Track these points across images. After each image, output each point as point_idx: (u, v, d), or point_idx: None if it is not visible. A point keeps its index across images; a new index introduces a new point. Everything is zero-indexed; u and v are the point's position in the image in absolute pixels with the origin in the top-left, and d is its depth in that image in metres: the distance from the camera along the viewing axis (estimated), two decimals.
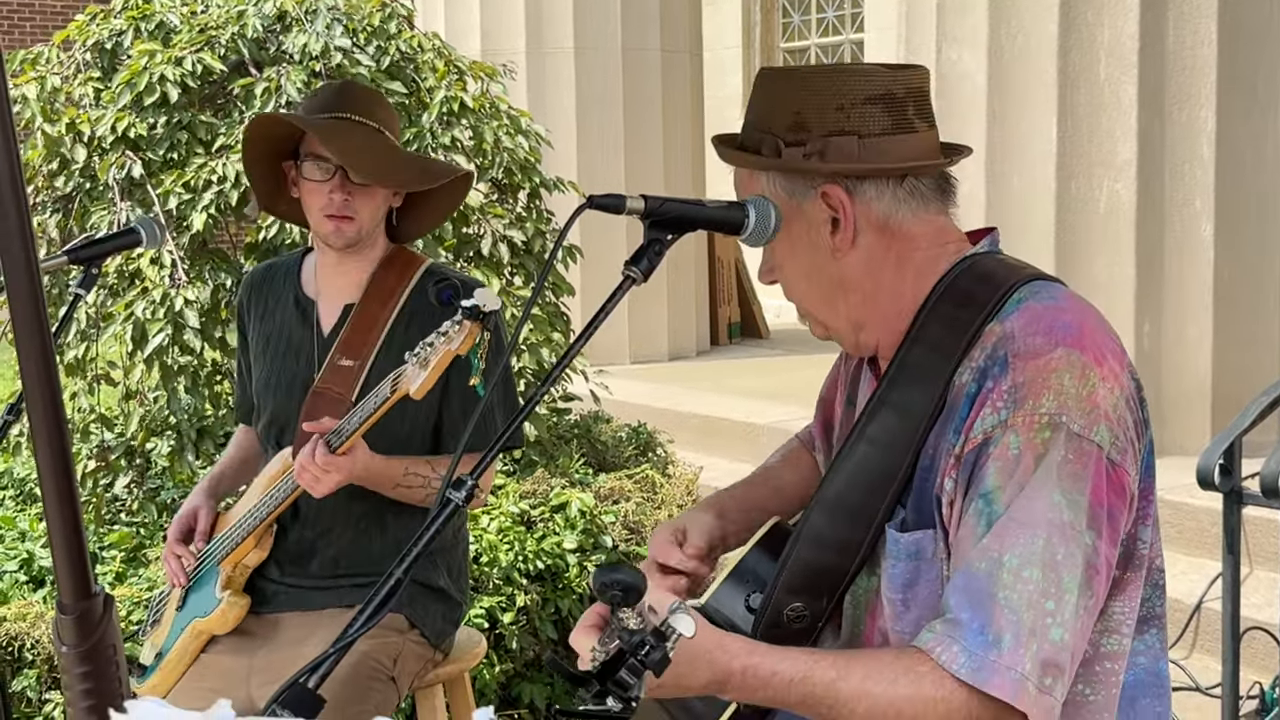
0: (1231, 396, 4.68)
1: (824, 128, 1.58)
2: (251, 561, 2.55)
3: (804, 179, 1.59)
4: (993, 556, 1.43)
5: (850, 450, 1.61)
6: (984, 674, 1.40)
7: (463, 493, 1.34)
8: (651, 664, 1.22)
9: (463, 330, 2.18)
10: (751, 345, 9.06)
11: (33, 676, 3.36)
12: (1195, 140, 4.97)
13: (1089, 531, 1.44)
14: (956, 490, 1.50)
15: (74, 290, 2.25)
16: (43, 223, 4.05)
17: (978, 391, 1.49)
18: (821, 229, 1.60)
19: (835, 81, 1.60)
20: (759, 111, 1.64)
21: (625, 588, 1.22)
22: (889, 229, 1.60)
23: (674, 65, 8.30)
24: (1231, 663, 3.16)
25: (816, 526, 1.62)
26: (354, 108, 2.52)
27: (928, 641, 1.44)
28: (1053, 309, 1.52)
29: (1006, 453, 1.45)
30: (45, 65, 4.20)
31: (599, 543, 3.92)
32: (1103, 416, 1.46)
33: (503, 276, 4.21)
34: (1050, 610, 1.41)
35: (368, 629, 1.29)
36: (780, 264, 1.66)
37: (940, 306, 1.58)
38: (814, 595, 1.61)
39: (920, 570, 1.54)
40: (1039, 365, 1.47)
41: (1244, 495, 3.09)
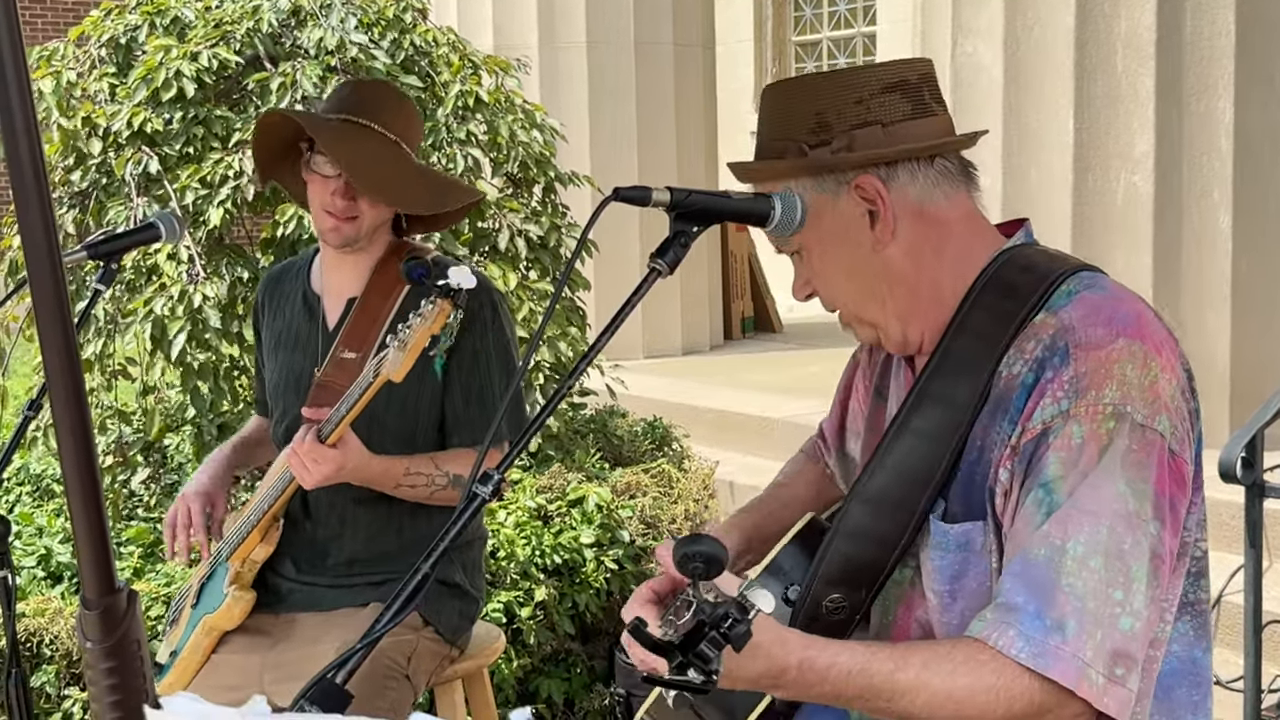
0: (1250, 388, 4.66)
1: (846, 122, 1.59)
2: (259, 556, 2.53)
3: (834, 175, 1.59)
4: (1055, 544, 1.42)
5: (892, 443, 1.60)
6: (1046, 659, 1.39)
7: (489, 487, 1.34)
8: (735, 637, 1.18)
9: (436, 309, 2.17)
10: (765, 339, 9.04)
11: (51, 672, 3.36)
12: (1213, 132, 4.94)
13: (1154, 521, 1.43)
14: (1013, 480, 1.49)
15: (93, 286, 2.24)
16: (60, 218, 4.05)
17: (1036, 382, 1.49)
18: (859, 224, 1.59)
19: (848, 78, 1.61)
20: (775, 123, 1.64)
21: (707, 559, 1.19)
22: (925, 214, 1.60)
23: (687, 59, 8.28)
24: (1253, 656, 3.14)
25: (855, 519, 1.61)
26: (373, 113, 2.48)
27: (982, 629, 1.43)
28: (1110, 300, 1.52)
29: (1069, 442, 1.44)
30: (60, 61, 4.20)
31: (616, 537, 3.92)
32: (1164, 406, 1.46)
33: (519, 271, 4.20)
34: (1119, 600, 1.40)
35: (396, 623, 1.28)
36: (818, 271, 1.65)
37: (984, 297, 1.58)
38: (853, 587, 1.61)
39: (969, 562, 1.53)
40: (1101, 356, 1.46)
41: (1266, 488, 3.07)
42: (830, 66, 12.43)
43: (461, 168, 4.10)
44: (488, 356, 2.51)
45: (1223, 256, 4.97)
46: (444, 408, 2.53)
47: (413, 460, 2.46)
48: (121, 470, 4.13)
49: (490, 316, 2.52)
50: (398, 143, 2.49)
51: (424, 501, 2.50)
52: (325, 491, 2.52)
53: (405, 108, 2.59)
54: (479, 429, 2.50)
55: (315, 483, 2.35)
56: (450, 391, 2.52)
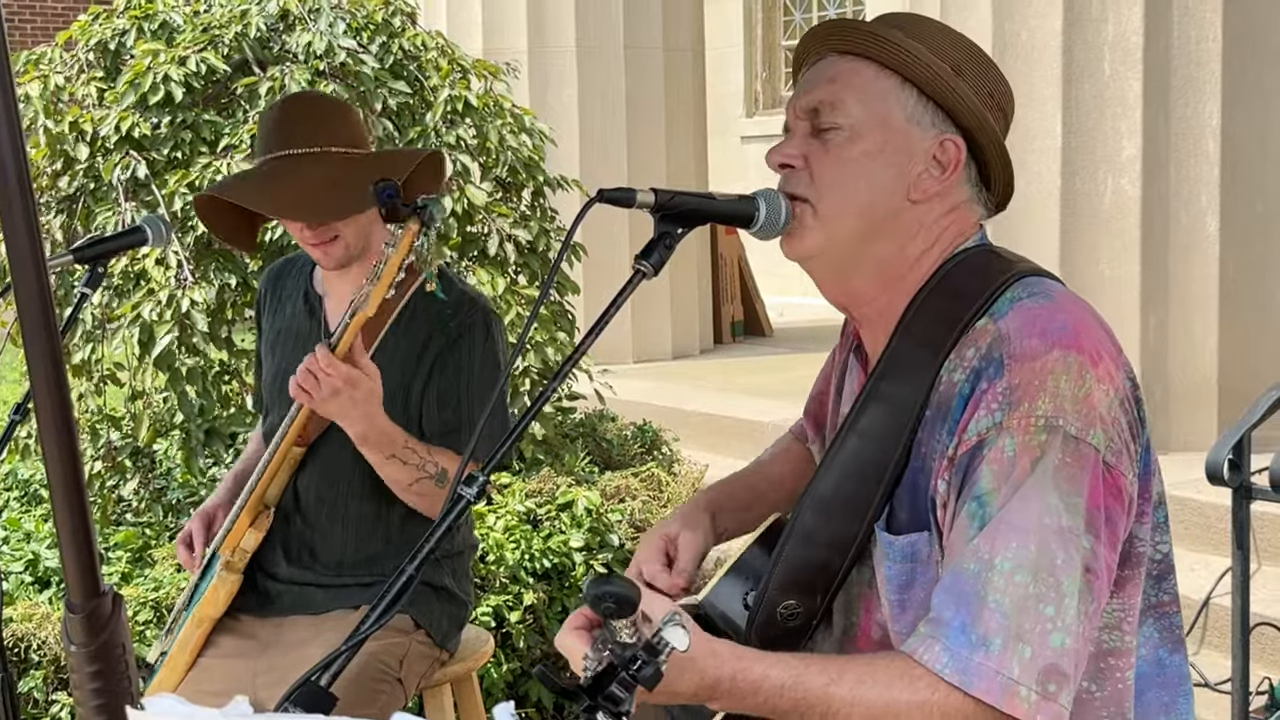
0: (1238, 391, 4.67)
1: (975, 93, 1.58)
2: (249, 545, 2.50)
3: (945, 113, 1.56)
4: (983, 558, 1.41)
5: (841, 444, 1.59)
6: (969, 675, 1.38)
7: (474, 489, 1.34)
8: (643, 679, 1.20)
9: (404, 232, 2.17)
10: (755, 343, 9.04)
11: (39, 677, 3.36)
12: (1200, 136, 4.95)
13: (1087, 535, 1.42)
14: (950, 492, 1.48)
15: (80, 290, 2.24)
16: (47, 223, 4.05)
17: (971, 393, 1.48)
18: (917, 163, 1.56)
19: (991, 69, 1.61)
20: (919, 34, 1.58)
21: (618, 600, 1.20)
22: (953, 210, 1.60)
23: (676, 63, 8.29)
24: (1241, 658, 3.14)
25: (807, 523, 1.59)
26: (294, 140, 2.44)
27: (913, 644, 1.43)
28: (1048, 309, 1.50)
29: (1002, 455, 1.43)
30: (48, 65, 4.20)
31: (605, 541, 3.92)
32: (1099, 419, 1.44)
33: (508, 276, 4.21)
34: (1050, 616, 1.39)
35: (380, 626, 1.28)
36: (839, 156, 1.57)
37: (931, 299, 1.57)
38: (807, 593, 1.59)
39: (916, 572, 1.52)
40: (1035, 367, 1.45)
41: (1253, 490, 3.08)
42: None
43: (450, 172, 4.10)
44: (470, 374, 2.50)
45: (1210, 260, 4.99)
46: (422, 406, 2.51)
47: (410, 439, 2.43)
48: (110, 475, 4.12)
49: (481, 336, 2.50)
50: (326, 150, 2.44)
51: (406, 488, 2.44)
52: (317, 484, 2.52)
53: (323, 110, 2.56)
54: (451, 437, 2.48)
55: (322, 398, 2.28)
56: (429, 392, 2.50)
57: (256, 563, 2.59)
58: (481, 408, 2.48)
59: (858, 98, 1.56)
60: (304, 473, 2.55)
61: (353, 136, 2.50)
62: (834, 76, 1.58)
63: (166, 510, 4.04)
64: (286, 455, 2.48)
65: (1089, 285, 4.97)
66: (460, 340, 2.49)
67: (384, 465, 2.42)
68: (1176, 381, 5.05)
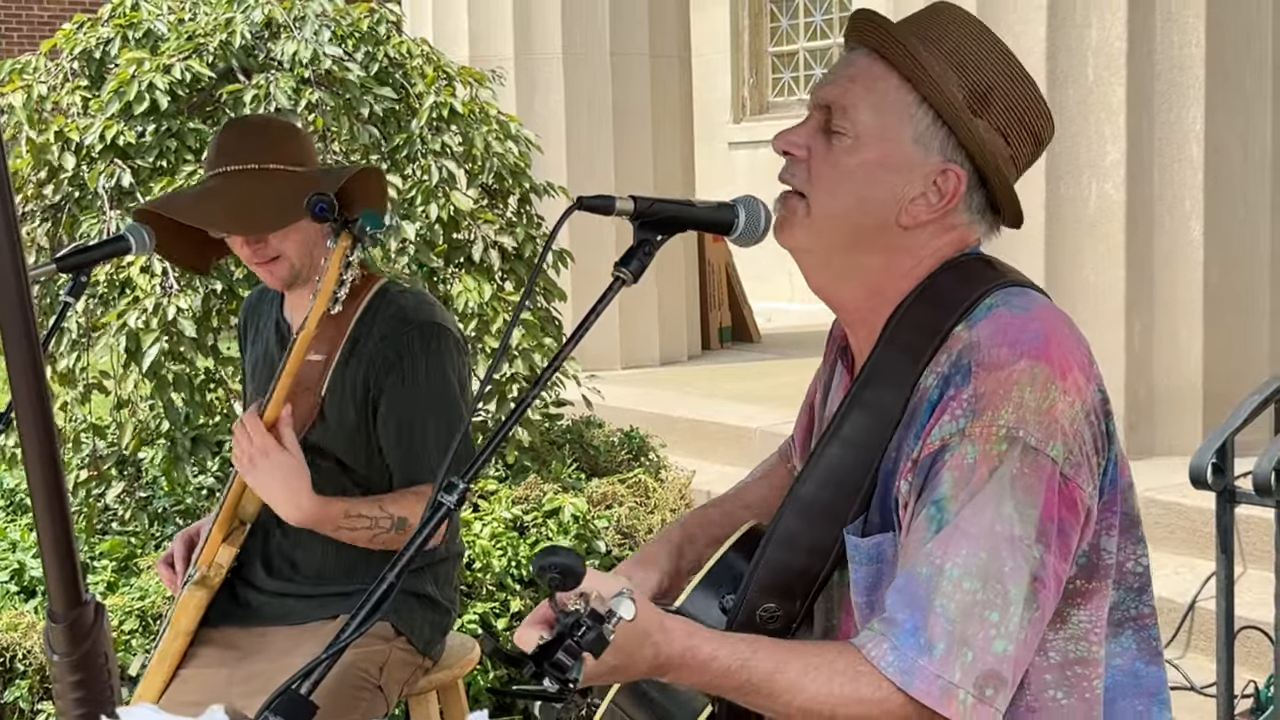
0: (1223, 396, 4.69)
1: (999, 121, 1.55)
2: (224, 559, 2.49)
3: (953, 140, 1.54)
4: (935, 563, 1.43)
5: (823, 450, 1.60)
6: (910, 676, 1.40)
7: (454, 496, 1.34)
8: (588, 645, 1.21)
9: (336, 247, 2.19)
10: (743, 349, 9.06)
11: (25, 687, 3.35)
12: (1184, 140, 4.98)
13: (1038, 545, 1.43)
14: (911, 493, 1.49)
15: (63, 298, 2.24)
16: (32, 232, 4.04)
17: (940, 398, 1.49)
18: (911, 184, 1.54)
19: (1029, 89, 1.57)
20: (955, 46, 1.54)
21: (563, 570, 1.22)
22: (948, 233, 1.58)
23: (663, 69, 8.30)
24: (1226, 662, 3.16)
25: (789, 527, 1.60)
26: (233, 157, 2.44)
27: (863, 640, 1.44)
28: (1021, 319, 1.50)
29: (963, 461, 1.44)
30: (32, 74, 4.19)
31: (592, 547, 3.92)
32: (1059, 431, 1.45)
33: (494, 282, 4.21)
34: (995, 622, 1.41)
35: (361, 634, 1.28)
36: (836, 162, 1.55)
37: (915, 307, 1.57)
38: (787, 596, 1.60)
39: (883, 573, 1.53)
40: (1001, 377, 1.46)
41: (1237, 494, 3.09)
42: (807, 78, 12.49)
43: (436, 179, 4.10)
44: (415, 393, 2.47)
45: (1195, 264, 5.01)
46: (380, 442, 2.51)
47: (353, 503, 2.43)
48: (96, 484, 4.11)
49: (420, 352, 2.47)
50: (263, 168, 2.43)
51: (366, 544, 2.45)
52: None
53: (265, 128, 2.55)
54: (411, 467, 2.47)
55: (256, 476, 2.33)
56: (384, 432, 2.49)
57: (238, 575, 2.59)
58: (437, 429, 2.46)
59: (872, 106, 1.54)
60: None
61: (294, 154, 2.48)
62: (855, 76, 1.56)
63: (152, 519, 4.03)
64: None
65: (1074, 290, 4.99)
66: (400, 363, 2.46)
67: (334, 534, 2.44)
68: (1161, 386, 5.07)
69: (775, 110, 12.73)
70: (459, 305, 4.05)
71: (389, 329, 2.46)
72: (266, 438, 2.33)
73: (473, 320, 4.05)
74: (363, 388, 2.49)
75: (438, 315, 2.56)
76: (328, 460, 2.50)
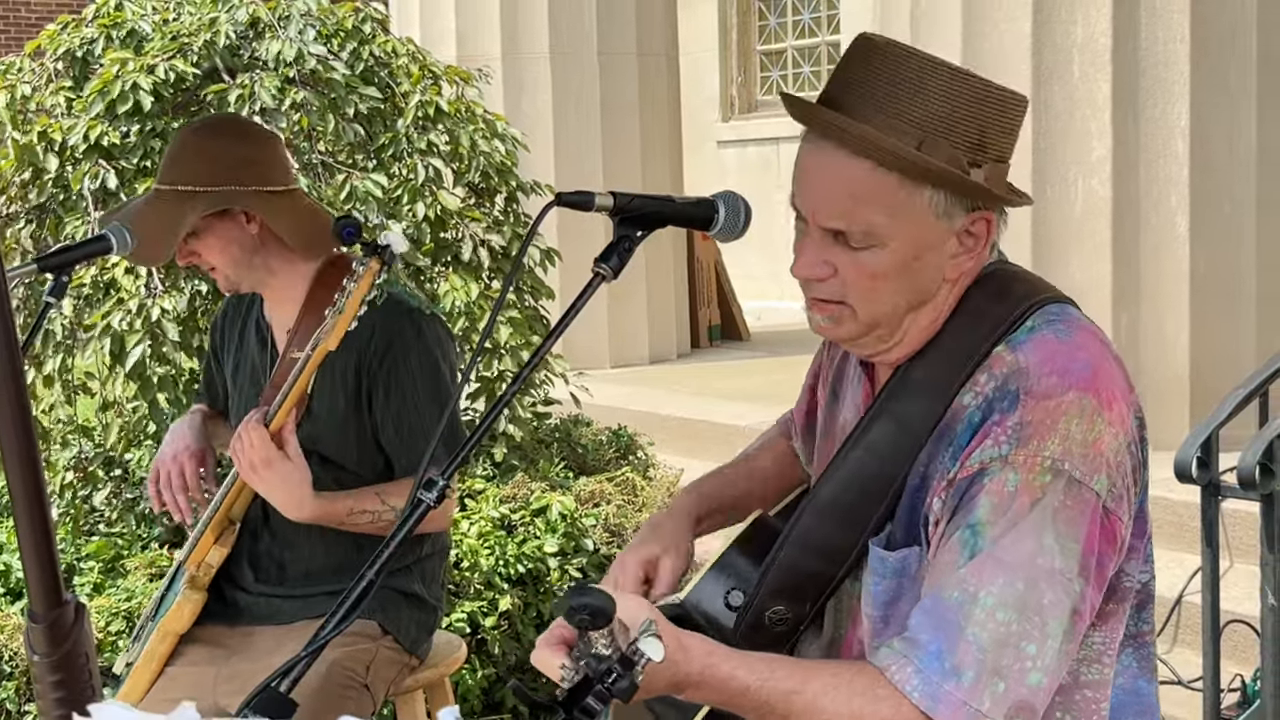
0: (1209, 390, 4.69)
1: (997, 151, 1.52)
2: (214, 560, 2.50)
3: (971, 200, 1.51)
4: (968, 590, 1.41)
5: (847, 455, 1.59)
6: (935, 701, 1.39)
7: (434, 493, 1.34)
8: (619, 692, 1.21)
9: (365, 269, 2.18)
10: (732, 347, 9.06)
11: (11, 688, 3.34)
12: (1169, 136, 4.98)
13: (1079, 579, 1.42)
14: (944, 511, 1.48)
15: (45, 298, 2.24)
16: (16, 233, 4.03)
17: (982, 421, 1.48)
18: (950, 247, 1.52)
19: (1008, 103, 1.52)
20: (931, 112, 1.47)
21: (594, 612, 1.21)
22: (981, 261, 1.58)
23: (650, 68, 8.30)
24: (1212, 656, 3.16)
25: (806, 530, 1.60)
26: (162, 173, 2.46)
27: (884, 659, 1.43)
28: (1069, 346, 1.50)
29: (1003, 489, 1.43)
30: (16, 75, 4.18)
31: (580, 546, 3.92)
32: (1104, 464, 1.45)
33: (482, 281, 4.20)
34: (1031, 654, 1.40)
35: (340, 631, 1.28)
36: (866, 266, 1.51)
37: (953, 322, 1.56)
38: (797, 600, 1.60)
39: (903, 588, 1.52)
40: (1049, 407, 1.45)
41: (1222, 488, 3.10)
42: (795, 76, 12.49)
43: (423, 178, 4.10)
44: (411, 383, 2.49)
45: (1180, 259, 5.02)
46: (379, 440, 2.53)
47: (356, 499, 2.46)
48: (82, 486, 4.10)
49: (412, 338, 2.49)
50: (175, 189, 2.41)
51: (370, 533, 2.49)
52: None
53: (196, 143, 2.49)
54: (413, 458, 2.48)
55: (258, 473, 2.34)
56: (381, 423, 2.51)
57: (225, 575, 2.59)
58: (433, 418, 2.48)
59: (884, 210, 1.48)
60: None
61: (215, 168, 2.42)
62: (855, 193, 1.48)
63: (139, 520, 4.01)
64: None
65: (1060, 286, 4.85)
66: (390, 352, 2.47)
67: (341, 528, 2.47)
68: (1148, 380, 5.07)
69: (764, 109, 12.73)
70: (447, 304, 4.04)
71: (379, 317, 2.46)
72: (270, 447, 2.34)
73: (460, 319, 4.05)
74: (354, 377, 2.49)
75: (427, 304, 2.59)
76: (314, 457, 2.49)
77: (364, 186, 3.95)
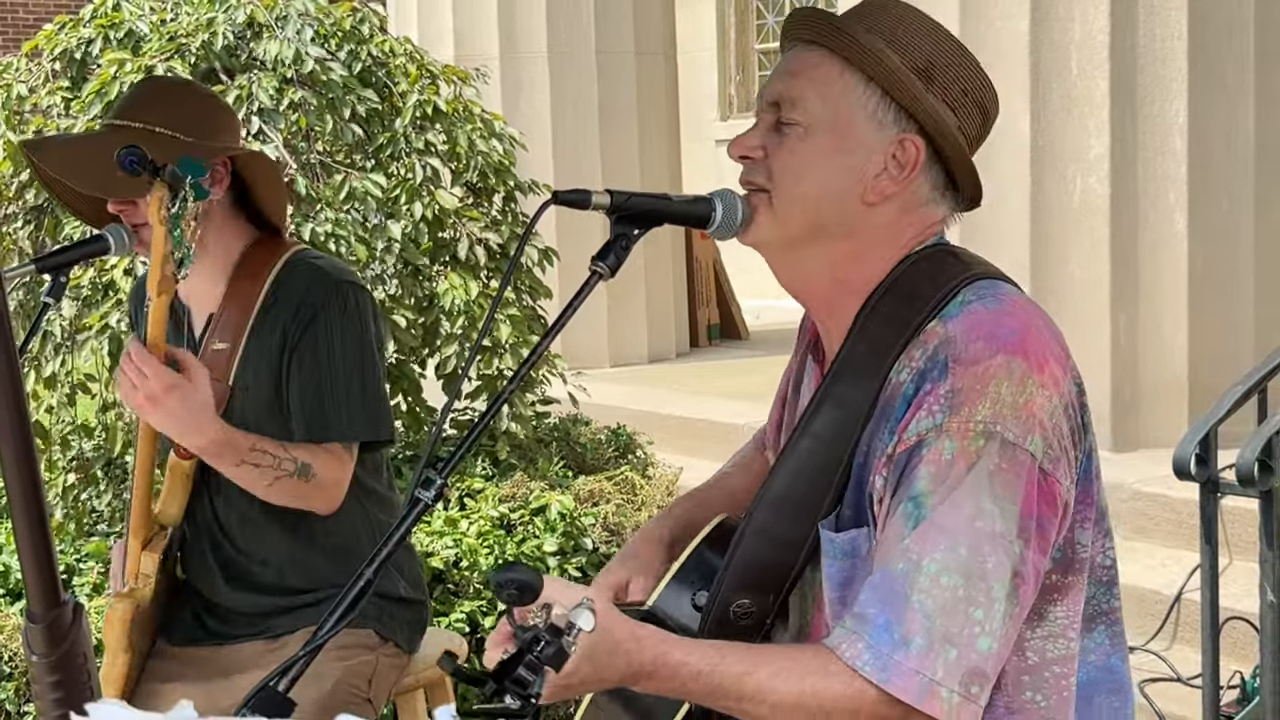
0: (1208, 387, 4.69)
1: (945, 93, 1.55)
2: (149, 569, 2.38)
3: (905, 112, 1.54)
4: (911, 559, 1.42)
5: (794, 445, 1.60)
6: (888, 673, 1.40)
7: (431, 492, 1.34)
8: (548, 659, 1.22)
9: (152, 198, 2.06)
10: (731, 346, 9.05)
11: (11, 689, 3.35)
12: (1167, 133, 4.98)
13: (1018, 541, 1.43)
14: (886, 489, 1.49)
15: (43, 299, 2.24)
16: (14, 234, 4.03)
17: (915, 393, 1.48)
18: (871, 161, 1.55)
19: (969, 63, 1.58)
20: (891, 32, 1.55)
21: (520, 586, 1.23)
22: (911, 211, 1.59)
23: (648, 67, 8.29)
24: (1211, 653, 3.16)
25: (761, 522, 1.60)
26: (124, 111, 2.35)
27: (835, 638, 1.44)
28: (996, 314, 1.51)
29: (940, 457, 1.44)
30: (13, 74, 4.18)
31: (579, 545, 3.92)
32: (1037, 425, 1.45)
33: (480, 280, 4.20)
34: (979, 619, 1.41)
35: (339, 629, 1.28)
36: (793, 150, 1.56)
37: (884, 301, 1.57)
38: (760, 592, 1.60)
39: (856, 568, 1.53)
40: (977, 372, 1.45)
41: (1220, 485, 3.10)
42: None
43: (421, 177, 4.10)
44: (330, 350, 2.37)
45: (1179, 257, 5.01)
46: (285, 402, 2.40)
47: (260, 439, 2.32)
48: (83, 487, 4.10)
49: (338, 310, 2.38)
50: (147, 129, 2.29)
51: (265, 489, 2.34)
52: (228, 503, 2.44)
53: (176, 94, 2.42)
54: (317, 425, 2.37)
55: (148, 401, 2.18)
56: (290, 387, 2.39)
57: (194, 594, 2.52)
58: (347, 387, 2.38)
59: (819, 94, 1.55)
60: (220, 495, 2.46)
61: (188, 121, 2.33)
62: (797, 70, 1.57)
63: None
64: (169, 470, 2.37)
65: (1059, 284, 5.00)
66: (314, 322, 2.37)
67: (234, 472, 2.32)
68: (1147, 378, 5.08)
69: None
70: (445, 302, 4.04)
71: (305, 289, 2.38)
72: (167, 371, 2.18)
73: (459, 318, 4.05)
74: (277, 349, 2.39)
75: (354, 276, 2.50)
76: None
77: (362, 186, 3.95)
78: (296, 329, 2.38)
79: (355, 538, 2.50)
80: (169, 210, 2.07)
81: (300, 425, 2.39)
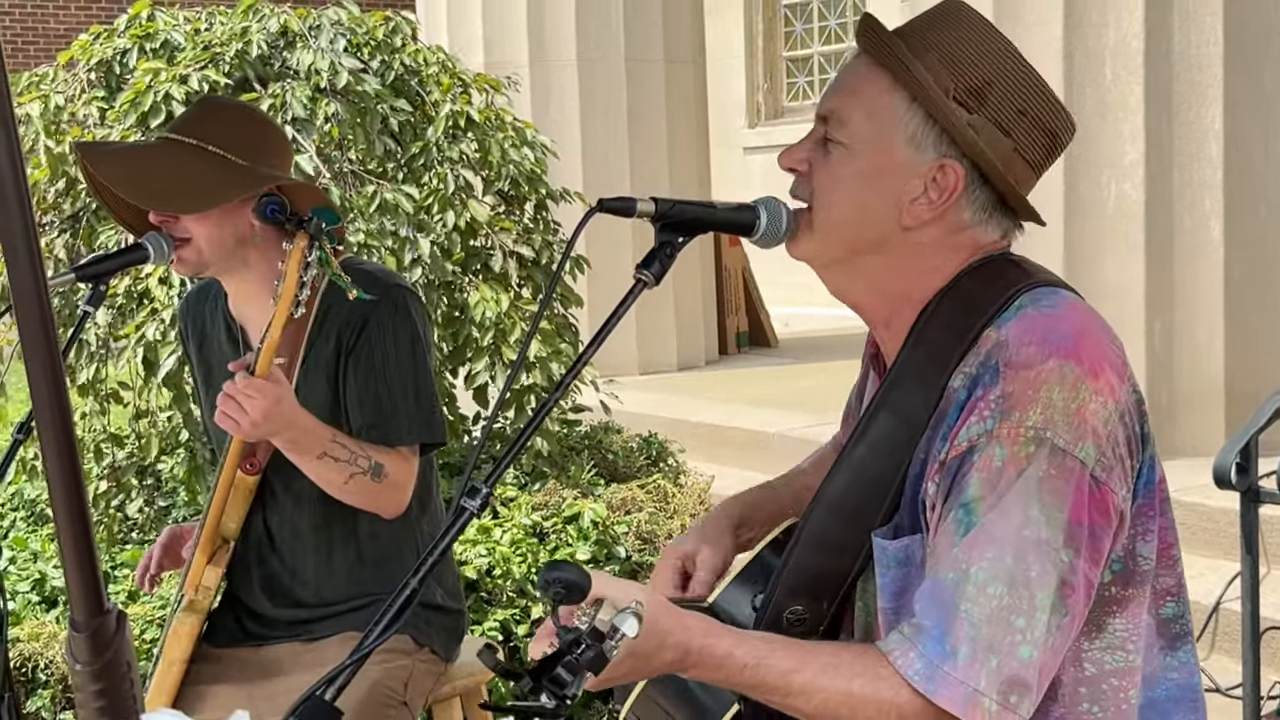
0: (1245, 395, 4.66)
1: (998, 115, 1.53)
2: (210, 581, 2.42)
3: (946, 137, 1.52)
4: (960, 568, 1.41)
5: (851, 451, 1.59)
6: (935, 683, 1.39)
7: (477, 500, 1.33)
8: (587, 663, 1.21)
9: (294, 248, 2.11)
10: (760, 354, 9.04)
11: (47, 697, 3.36)
12: (1203, 139, 4.95)
13: (1066, 549, 1.41)
14: (938, 495, 1.48)
15: (82, 308, 2.24)
16: (50, 243, 4.05)
17: (968, 398, 1.47)
18: (909, 185, 1.53)
19: (1032, 83, 1.55)
20: (950, 47, 1.53)
21: (567, 585, 1.23)
22: (958, 233, 1.56)
23: (677, 75, 8.30)
24: (1252, 663, 3.13)
25: (817, 528, 1.59)
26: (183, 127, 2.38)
27: (890, 644, 1.43)
28: (1051, 318, 1.49)
29: (990, 464, 1.43)
30: (49, 85, 4.21)
31: (612, 553, 3.91)
32: (1090, 432, 1.43)
33: (511, 291, 4.20)
34: (1021, 627, 1.39)
35: (385, 639, 1.27)
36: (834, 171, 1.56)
37: (941, 309, 1.55)
38: (814, 598, 1.59)
39: (910, 577, 1.51)
40: (1029, 376, 1.44)
41: (1261, 494, 3.07)
42: (822, 82, 12.48)
43: (453, 187, 4.10)
44: (385, 354, 2.40)
45: (1215, 264, 4.98)
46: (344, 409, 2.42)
47: (337, 432, 2.35)
48: (116, 494, 4.12)
49: (388, 316, 2.40)
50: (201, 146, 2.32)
51: (340, 487, 2.36)
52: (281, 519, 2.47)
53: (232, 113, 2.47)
54: (382, 429, 2.40)
55: (255, 424, 2.21)
56: (348, 393, 2.41)
57: (238, 604, 2.56)
58: (404, 390, 2.40)
59: (865, 112, 1.54)
60: (274, 509, 2.48)
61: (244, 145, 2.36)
62: (854, 88, 1.56)
63: None
64: (233, 486, 2.40)
65: (1093, 290, 4.96)
66: (367, 327, 2.39)
67: (314, 466, 2.34)
68: (1183, 386, 5.04)
69: (790, 115, 12.72)
70: (476, 314, 4.04)
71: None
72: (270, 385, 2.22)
73: (490, 330, 4.04)
74: (333, 356, 2.41)
75: (402, 280, 2.54)
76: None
77: (394, 198, 3.95)
78: (350, 334, 2.40)
79: (396, 547, 2.51)
80: (308, 259, 2.13)
81: (361, 429, 2.41)
